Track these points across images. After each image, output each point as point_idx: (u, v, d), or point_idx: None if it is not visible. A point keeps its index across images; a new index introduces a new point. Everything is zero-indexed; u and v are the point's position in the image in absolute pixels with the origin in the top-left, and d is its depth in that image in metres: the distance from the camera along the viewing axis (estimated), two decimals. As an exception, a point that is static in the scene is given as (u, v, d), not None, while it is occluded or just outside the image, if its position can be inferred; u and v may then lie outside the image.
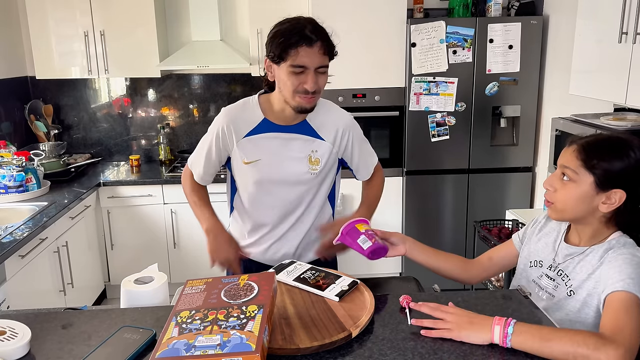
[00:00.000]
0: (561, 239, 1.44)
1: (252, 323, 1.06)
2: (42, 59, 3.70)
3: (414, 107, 3.61)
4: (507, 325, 1.15)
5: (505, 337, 1.14)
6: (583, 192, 1.29)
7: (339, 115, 1.79)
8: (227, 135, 1.72)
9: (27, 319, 1.28)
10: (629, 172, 1.27)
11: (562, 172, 1.33)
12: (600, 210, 1.30)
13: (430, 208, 3.77)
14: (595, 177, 1.28)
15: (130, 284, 1.41)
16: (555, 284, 1.40)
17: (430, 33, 3.50)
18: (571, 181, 1.31)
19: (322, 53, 1.56)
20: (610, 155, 1.28)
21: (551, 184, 1.36)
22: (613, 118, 2.56)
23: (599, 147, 1.30)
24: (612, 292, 1.21)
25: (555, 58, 3.52)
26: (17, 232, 2.61)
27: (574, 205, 1.32)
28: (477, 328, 1.17)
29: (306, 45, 1.53)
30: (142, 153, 4.21)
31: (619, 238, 1.33)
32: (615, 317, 1.16)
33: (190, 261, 3.77)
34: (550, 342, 1.11)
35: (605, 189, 1.28)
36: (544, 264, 1.45)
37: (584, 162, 1.29)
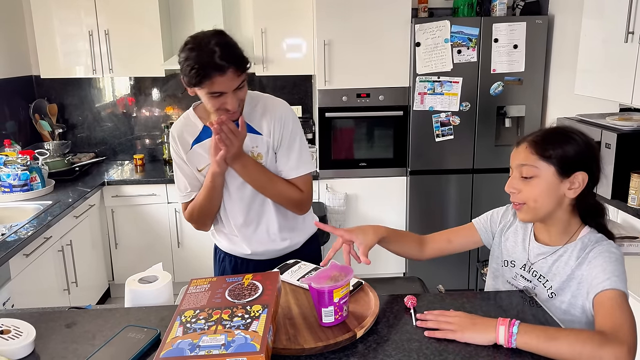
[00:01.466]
0: (530, 237, 1.44)
1: (256, 323, 1.06)
2: (46, 58, 3.71)
3: (418, 107, 3.60)
4: (512, 325, 1.15)
5: (510, 337, 1.14)
6: (548, 183, 1.30)
7: (271, 105, 1.76)
8: (178, 147, 1.75)
9: (32, 317, 1.29)
10: (582, 152, 1.30)
11: (520, 171, 1.33)
12: (567, 196, 1.32)
13: (434, 208, 3.76)
14: (555, 165, 1.30)
15: (135, 283, 1.41)
16: (532, 285, 1.40)
17: (434, 32, 3.49)
18: (533, 177, 1.31)
19: (236, 76, 1.55)
20: (560, 142, 1.30)
21: (513, 186, 1.35)
22: (619, 118, 2.55)
23: (547, 138, 1.32)
24: (601, 291, 1.22)
25: (560, 58, 3.50)
26: (21, 231, 2.61)
27: (544, 200, 1.32)
28: (481, 329, 1.17)
29: (219, 75, 1.52)
30: (146, 152, 4.21)
31: (589, 235, 1.35)
32: (611, 315, 1.17)
33: (195, 260, 3.77)
34: (556, 341, 1.11)
35: (568, 174, 1.30)
36: (517, 264, 1.46)
37: (540, 155, 1.30)
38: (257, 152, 1.72)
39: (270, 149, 1.73)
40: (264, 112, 1.73)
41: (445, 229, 1.60)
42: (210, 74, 1.51)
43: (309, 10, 3.68)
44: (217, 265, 1.97)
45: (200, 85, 1.55)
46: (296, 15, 3.71)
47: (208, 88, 1.54)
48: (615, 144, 2.41)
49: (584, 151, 1.31)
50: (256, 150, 1.72)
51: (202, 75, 1.51)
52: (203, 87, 1.55)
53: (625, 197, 2.41)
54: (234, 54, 1.56)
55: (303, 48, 3.78)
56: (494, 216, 1.56)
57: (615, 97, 2.45)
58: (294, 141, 1.75)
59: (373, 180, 3.77)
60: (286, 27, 3.73)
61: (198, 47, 1.53)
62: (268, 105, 1.75)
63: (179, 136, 1.76)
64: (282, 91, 4.14)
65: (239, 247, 1.84)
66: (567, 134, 1.32)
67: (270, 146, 1.72)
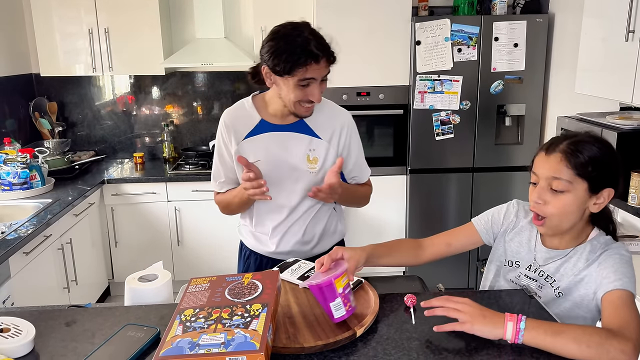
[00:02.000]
0: (536, 240, 1.44)
1: (256, 322, 1.06)
2: (46, 56, 3.71)
3: (419, 106, 3.60)
4: (519, 321, 1.15)
5: (517, 332, 1.14)
6: (579, 199, 1.28)
7: (336, 112, 1.79)
8: (228, 136, 1.74)
9: (31, 316, 1.29)
10: (615, 169, 1.29)
11: (550, 183, 1.29)
12: (591, 210, 1.31)
13: (435, 207, 3.76)
14: (589, 182, 1.27)
15: (135, 282, 1.41)
16: (538, 284, 1.40)
17: (435, 31, 3.48)
18: (564, 192, 1.27)
19: (326, 66, 1.59)
20: (597, 157, 1.26)
21: (541, 197, 1.30)
22: (619, 117, 2.55)
23: (584, 151, 1.27)
24: (610, 290, 1.23)
25: (560, 56, 3.50)
26: (21, 229, 2.61)
27: (572, 214, 1.30)
28: (490, 322, 1.17)
29: (314, 62, 1.54)
30: (146, 151, 4.21)
31: (597, 237, 1.35)
32: (619, 314, 1.18)
33: (195, 259, 3.77)
34: (562, 335, 1.12)
35: (597, 191, 1.28)
36: (522, 264, 1.45)
37: (578, 170, 1.26)
38: (313, 156, 1.72)
39: (329, 154, 1.74)
40: (328, 118, 1.75)
41: (444, 231, 1.57)
42: (305, 62, 1.52)
43: (309, 8, 3.68)
44: (241, 262, 1.96)
45: (292, 73, 1.54)
46: (296, 13, 3.67)
47: (300, 75, 1.54)
48: (615, 143, 2.40)
49: (616, 167, 1.29)
50: (313, 153, 1.72)
51: (296, 63, 1.52)
52: (295, 74, 1.54)
53: (625, 196, 2.41)
54: (326, 44, 1.59)
55: (303, 46, 3.77)
56: (495, 216, 1.53)
57: (615, 96, 2.45)
58: (360, 148, 1.83)
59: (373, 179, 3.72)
60: (286, 25, 3.72)
61: (291, 35, 1.55)
62: (333, 111, 1.78)
63: (231, 126, 1.74)
64: (282, 89, 4.13)
65: (266, 247, 1.84)
66: (601, 148, 1.28)
67: (328, 151, 1.74)
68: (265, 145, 1.71)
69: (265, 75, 1.63)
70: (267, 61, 1.57)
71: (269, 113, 1.72)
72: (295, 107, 1.62)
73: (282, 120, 1.72)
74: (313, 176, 1.74)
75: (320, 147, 1.73)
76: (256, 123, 1.72)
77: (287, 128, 1.72)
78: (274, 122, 1.72)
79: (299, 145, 1.72)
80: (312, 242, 1.83)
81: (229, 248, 3.77)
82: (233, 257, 3.98)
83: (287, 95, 1.60)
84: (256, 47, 3.74)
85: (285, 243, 1.81)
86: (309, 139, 1.72)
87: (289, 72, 1.54)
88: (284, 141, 1.72)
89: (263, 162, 1.70)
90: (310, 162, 1.72)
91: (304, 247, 1.82)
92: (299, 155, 1.72)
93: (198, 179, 3.64)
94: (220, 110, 4.18)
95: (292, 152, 1.72)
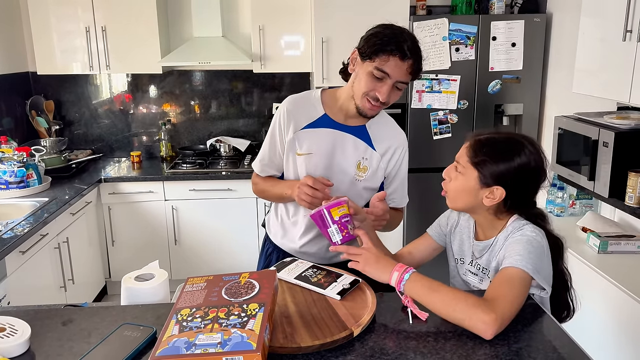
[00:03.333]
0: (472, 236, 1.53)
1: (253, 321, 1.05)
2: (43, 54, 3.70)
3: (416, 105, 3.59)
4: (406, 272, 1.27)
5: (400, 281, 1.27)
6: (469, 185, 1.40)
7: (397, 132, 1.79)
8: (287, 122, 1.72)
9: (27, 315, 1.28)
10: (509, 174, 1.36)
11: (456, 165, 1.44)
12: (484, 203, 1.40)
13: (432, 206, 3.75)
14: (479, 173, 1.38)
15: (131, 281, 1.40)
16: (479, 278, 1.49)
17: (433, 30, 3.48)
18: (461, 174, 1.41)
19: (409, 72, 1.56)
20: (496, 156, 1.36)
21: (447, 174, 1.47)
22: (616, 117, 2.55)
23: (488, 146, 1.38)
24: (505, 267, 1.30)
25: (558, 56, 3.50)
26: (17, 228, 2.61)
27: (461, 196, 1.43)
28: (380, 268, 1.30)
29: (399, 57, 1.53)
30: (143, 149, 4.20)
31: (514, 222, 1.42)
32: (497, 287, 1.25)
33: (191, 258, 3.77)
34: (436, 293, 1.22)
35: (488, 185, 1.38)
36: (465, 260, 1.55)
37: (471, 159, 1.39)
38: (363, 165, 1.72)
39: (379, 168, 1.74)
40: (387, 133, 1.75)
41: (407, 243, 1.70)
42: (392, 51, 1.52)
43: (307, 7, 3.67)
44: (262, 257, 1.95)
45: (374, 56, 1.54)
46: (294, 12, 3.70)
47: (379, 63, 1.54)
48: (612, 143, 2.41)
49: (512, 173, 1.35)
50: (364, 162, 1.72)
51: (383, 48, 1.52)
52: (375, 59, 1.54)
53: (622, 196, 2.41)
54: (420, 54, 1.58)
55: (301, 45, 3.78)
56: (442, 220, 1.67)
57: (613, 96, 2.45)
58: (406, 174, 1.84)
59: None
60: (284, 24, 3.72)
61: (395, 29, 1.56)
62: (394, 129, 1.79)
63: (292, 112, 1.72)
64: (279, 89, 4.13)
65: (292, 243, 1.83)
66: (510, 151, 1.36)
67: (378, 165, 1.74)
68: (321, 140, 1.70)
69: (352, 60, 1.64)
70: (360, 42, 1.59)
71: (335, 108, 1.71)
72: (362, 101, 1.60)
73: (345, 120, 1.71)
74: (357, 184, 1.74)
75: (373, 158, 1.73)
76: (318, 116, 1.71)
77: (348, 129, 1.71)
78: (336, 119, 1.71)
79: (355, 149, 1.71)
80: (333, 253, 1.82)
81: (226, 247, 3.77)
82: (230, 256, 4.00)
83: (359, 83, 1.60)
84: (254, 46, 3.74)
85: (312, 244, 1.80)
86: (364, 147, 1.71)
87: (372, 56, 1.54)
88: (341, 141, 1.71)
89: (315, 156, 1.69)
90: (360, 169, 1.71)
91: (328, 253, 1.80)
92: (352, 159, 1.71)
93: (195, 178, 3.64)
94: (217, 109, 4.17)
95: (345, 154, 1.71)
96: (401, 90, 1.61)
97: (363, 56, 1.57)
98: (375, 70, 1.55)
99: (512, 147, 1.37)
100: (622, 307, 2.18)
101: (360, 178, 1.73)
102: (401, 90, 1.61)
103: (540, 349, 1.14)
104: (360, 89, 1.60)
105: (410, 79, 1.59)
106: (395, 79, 1.55)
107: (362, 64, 1.58)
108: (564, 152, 2.88)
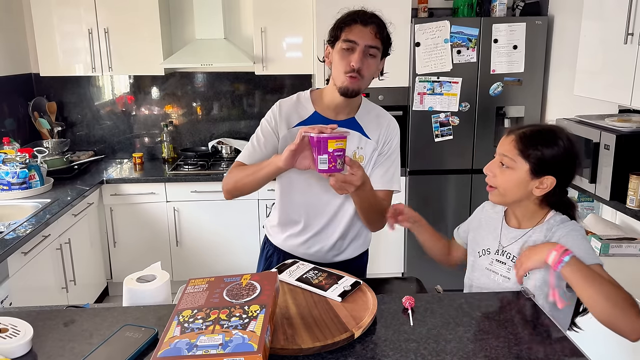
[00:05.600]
0: (502, 224, 1.56)
1: (254, 323, 1.06)
2: (46, 56, 3.71)
3: (418, 107, 3.60)
4: (566, 254, 1.27)
5: (559, 263, 1.27)
6: (520, 177, 1.43)
7: (386, 117, 1.81)
8: (279, 122, 1.75)
9: (29, 316, 1.28)
10: (558, 160, 1.41)
11: (501, 159, 1.46)
12: (534, 194, 1.44)
13: (433, 208, 3.76)
14: (530, 164, 1.41)
15: (133, 282, 1.41)
16: (507, 266, 1.50)
17: (434, 33, 3.49)
18: (509, 168, 1.44)
19: (374, 34, 1.60)
20: (543, 145, 1.41)
21: (491, 169, 1.49)
22: (618, 119, 2.55)
23: (534, 137, 1.42)
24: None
25: (559, 59, 3.50)
26: (20, 229, 2.61)
27: (512, 190, 1.45)
28: (538, 250, 1.33)
29: (360, 24, 1.59)
30: (145, 151, 4.21)
31: (554, 216, 1.46)
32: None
33: (193, 260, 3.77)
34: (597, 282, 1.24)
35: (539, 176, 1.41)
36: (492, 250, 1.55)
37: (521, 151, 1.42)
38: (359, 155, 1.74)
39: (374, 154, 1.76)
40: (377, 120, 1.77)
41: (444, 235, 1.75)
42: (353, 21, 1.60)
43: (309, 9, 3.68)
44: (262, 259, 1.95)
45: (340, 33, 1.61)
46: (296, 14, 3.71)
47: (344, 35, 1.60)
48: (614, 145, 2.41)
49: (561, 159, 1.41)
50: (360, 151, 1.74)
51: (345, 22, 1.61)
52: (341, 35, 1.61)
53: (624, 199, 2.41)
54: (382, 23, 1.64)
55: (302, 47, 3.78)
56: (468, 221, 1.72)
57: (614, 99, 2.45)
58: (394, 157, 1.81)
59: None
60: (286, 26, 3.73)
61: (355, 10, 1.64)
62: (381, 114, 1.81)
63: (285, 112, 1.76)
64: (281, 90, 4.14)
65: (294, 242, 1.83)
66: (554, 138, 1.42)
67: (374, 151, 1.75)
68: None
69: (327, 55, 1.69)
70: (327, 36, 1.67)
71: (324, 105, 1.74)
72: (341, 79, 1.63)
73: (336, 116, 1.74)
74: None
75: (367, 147, 1.75)
76: (309, 114, 1.74)
77: (340, 123, 1.72)
78: (327, 116, 1.74)
79: (349, 141, 1.70)
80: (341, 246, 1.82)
81: (227, 249, 3.78)
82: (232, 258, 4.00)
83: (336, 66, 1.64)
84: (255, 48, 3.75)
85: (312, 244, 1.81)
86: (358, 137, 1.74)
87: (338, 35, 1.62)
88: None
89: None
90: (356, 159, 1.72)
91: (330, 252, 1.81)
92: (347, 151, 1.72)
93: (197, 179, 3.64)
94: (219, 110, 4.18)
95: None
96: (375, 57, 1.64)
97: (332, 42, 1.65)
98: (343, 43, 1.61)
99: (555, 135, 1.42)
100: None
101: None
102: (376, 58, 1.64)
103: (540, 352, 1.15)
104: (337, 70, 1.64)
105: (379, 43, 1.62)
106: (363, 43, 1.60)
107: (333, 50, 1.65)
108: (566, 154, 2.88)
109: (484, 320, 1.27)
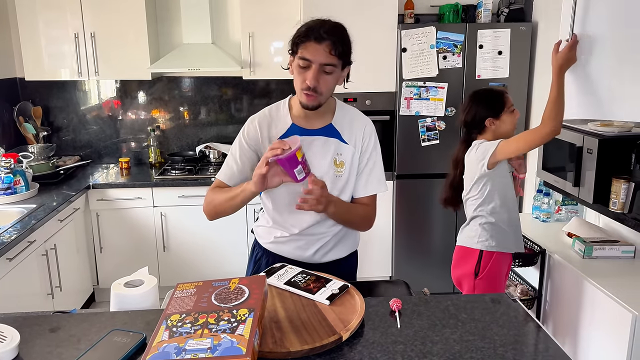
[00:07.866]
0: None
1: (242, 327, 1.06)
2: (31, 60, 3.68)
3: (405, 112, 3.63)
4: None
5: None
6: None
7: (363, 120, 1.82)
8: (261, 141, 1.75)
9: (16, 322, 1.28)
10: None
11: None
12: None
13: (421, 212, 3.79)
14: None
15: (120, 287, 1.41)
16: None
17: (420, 38, 3.52)
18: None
19: (328, 52, 1.60)
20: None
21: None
22: (600, 124, 2.60)
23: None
24: None
25: (544, 64, 3.55)
26: (5, 235, 2.59)
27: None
28: None
29: (315, 42, 1.58)
30: (132, 156, 4.19)
31: None
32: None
33: (180, 265, 3.76)
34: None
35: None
36: None
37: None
38: (339, 160, 1.74)
39: (354, 159, 1.76)
40: (352, 124, 1.78)
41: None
42: (307, 38, 1.59)
43: (296, 14, 3.70)
44: (251, 262, 1.94)
45: (296, 49, 1.61)
46: (283, 19, 3.72)
47: (300, 52, 1.60)
48: (596, 150, 2.45)
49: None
50: (340, 157, 1.74)
51: (301, 38, 1.60)
52: (297, 51, 1.61)
53: (606, 202, 2.45)
54: (339, 34, 1.64)
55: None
56: None
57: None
58: (376, 158, 1.82)
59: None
60: (273, 31, 3.74)
61: (315, 21, 1.64)
62: (356, 117, 1.81)
63: (266, 130, 1.75)
64: (269, 95, 4.15)
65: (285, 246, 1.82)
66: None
67: (353, 155, 1.76)
68: None
69: (290, 64, 1.69)
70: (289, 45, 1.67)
71: (299, 115, 1.74)
72: (300, 95, 1.64)
73: (311, 124, 1.74)
74: (339, 180, 1.75)
75: (346, 152, 1.75)
76: (287, 127, 1.75)
77: (316, 133, 1.73)
78: (304, 126, 1.74)
79: (326, 149, 1.74)
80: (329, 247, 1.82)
81: (215, 254, 3.77)
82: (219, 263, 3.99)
83: (295, 80, 1.65)
84: (243, 52, 3.75)
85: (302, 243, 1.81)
86: (336, 143, 1.74)
87: (295, 50, 1.62)
88: (314, 146, 1.73)
89: None
90: (337, 165, 1.74)
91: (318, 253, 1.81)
92: (326, 159, 1.74)
93: (184, 184, 3.63)
94: (207, 115, 4.18)
95: (318, 157, 1.73)
96: (332, 74, 1.64)
97: (291, 54, 1.66)
98: (299, 60, 1.61)
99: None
100: (607, 311, 2.21)
101: (340, 174, 1.75)
102: (332, 75, 1.64)
103: (525, 352, 1.17)
104: (296, 85, 1.66)
105: (335, 60, 1.62)
106: (318, 62, 1.60)
107: (293, 62, 1.66)
108: (550, 158, 2.93)
109: (470, 322, 1.29)
